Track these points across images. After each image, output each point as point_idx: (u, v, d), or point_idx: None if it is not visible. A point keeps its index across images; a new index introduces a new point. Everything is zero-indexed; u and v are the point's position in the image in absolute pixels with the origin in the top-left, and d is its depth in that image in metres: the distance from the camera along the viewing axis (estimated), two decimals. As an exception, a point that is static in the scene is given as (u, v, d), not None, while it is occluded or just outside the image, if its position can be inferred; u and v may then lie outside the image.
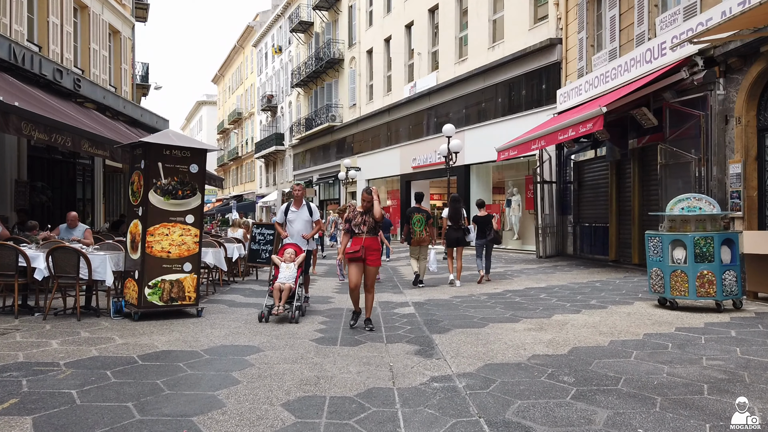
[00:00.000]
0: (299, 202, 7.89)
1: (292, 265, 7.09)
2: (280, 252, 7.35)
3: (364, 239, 6.28)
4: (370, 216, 6.37)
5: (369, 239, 6.31)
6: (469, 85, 21.39)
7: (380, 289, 10.20)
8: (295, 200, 7.90)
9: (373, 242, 6.35)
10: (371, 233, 6.35)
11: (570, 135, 11.88)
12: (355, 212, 6.49)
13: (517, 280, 11.21)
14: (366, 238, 6.29)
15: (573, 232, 16.45)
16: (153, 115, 20.61)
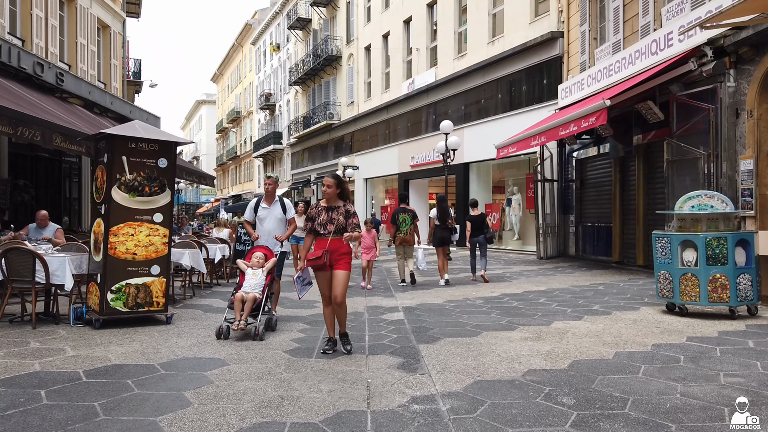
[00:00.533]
0: (271, 198, 6.87)
1: (260, 272, 6.17)
2: (247, 255, 6.57)
3: (329, 241, 5.20)
4: (337, 213, 5.26)
5: (336, 241, 5.23)
6: (469, 81, 20.82)
7: (371, 291, 9.67)
8: (266, 195, 6.89)
9: (341, 245, 5.27)
10: (339, 233, 5.28)
11: (572, 130, 11.32)
12: (319, 208, 5.35)
13: (516, 283, 10.65)
14: (332, 240, 5.22)
15: (575, 232, 15.88)
16: (143, 112, 20.09)
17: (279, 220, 6.80)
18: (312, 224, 5.33)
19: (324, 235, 5.24)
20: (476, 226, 11.07)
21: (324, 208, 5.36)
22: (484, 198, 20.98)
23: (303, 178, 38.35)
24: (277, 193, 7.05)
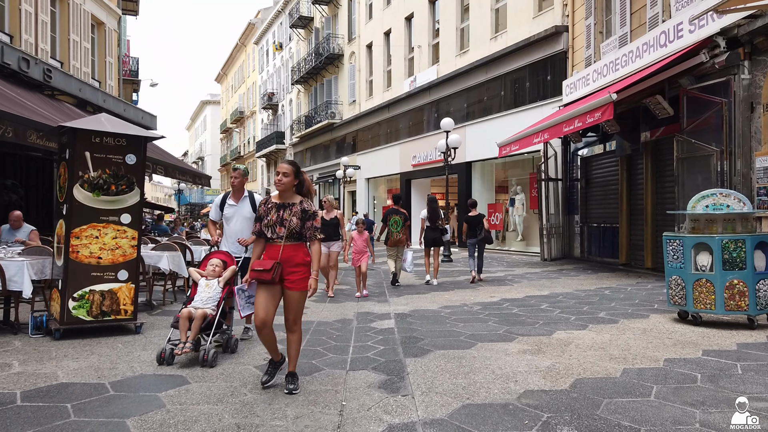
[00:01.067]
0: (239, 194, 5.97)
1: (215, 283, 5.18)
2: (203, 263, 5.48)
3: (281, 249, 4.04)
4: (291, 213, 4.08)
5: (290, 249, 4.06)
6: (471, 78, 20.28)
7: (364, 297, 9.16)
8: (234, 191, 5.99)
9: (297, 254, 4.09)
10: (294, 239, 4.10)
11: (576, 126, 10.77)
12: (269, 205, 4.15)
13: (517, 287, 10.11)
14: (285, 247, 4.04)
15: (580, 233, 15.32)
16: (138, 110, 19.69)
17: (248, 219, 5.82)
18: (259, 225, 4.16)
19: (273, 241, 4.10)
20: (473, 226, 11.07)
21: (275, 205, 4.14)
22: (487, 198, 20.44)
23: (305, 178, 37.84)
24: (248, 189, 6.18)
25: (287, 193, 4.19)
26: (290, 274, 4.06)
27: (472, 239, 11.00)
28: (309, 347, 5.57)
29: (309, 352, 5.36)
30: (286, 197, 4.19)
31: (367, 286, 9.62)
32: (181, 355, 4.72)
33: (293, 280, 4.05)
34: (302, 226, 4.11)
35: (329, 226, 9.04)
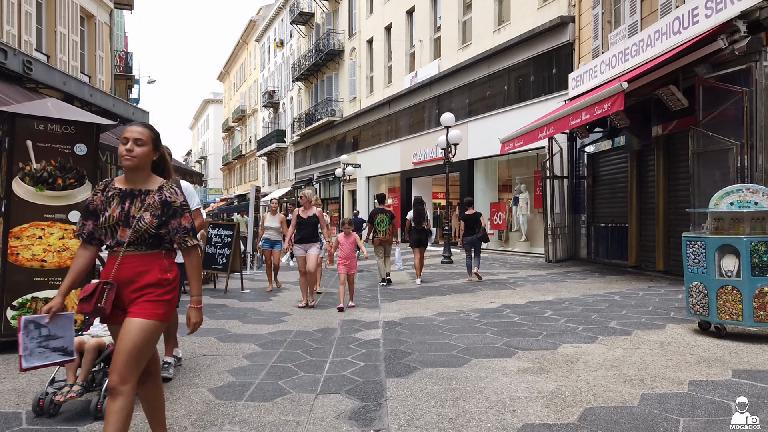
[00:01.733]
0: None
1: None
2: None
3: (118, 262, 2.62)
4: (142, 205, 2.66)
5: (135, 260, 2.63)
6: (473, 73, 19.57)
7: (355, 300, 8.47)
8: None
9: (148, 267, 2.63)
10: (145, 246, 2.65)
11: (584, 119, 10.05)
12: (110, 192, 2.73)
13: (520, 291, 9.40)
14: (126, 258, 2.62)
15: (587, 233, 14.59)
16: (129, 106, 19.09)
17: None
18: (91, 224, 2.72)
19: (113, 250, 2.66)
20: (470, 225, 11.00)
21: (118, 193, 2.71)
22: (490, 197, 19.73)
23: (306, 176, 37.26)
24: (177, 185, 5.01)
25: (140, 173, 2.72)
26: (132, 300, 2.61)
27: (469, 237, 10.91)
28: (280, 363, 4.89)
29: (278, 370, 4.68)
30: (137, 180, 2.73)
31: (358, 289, 8.94)
32: (65, 402, 3.50)
33: (139, 305, 2.58)
34: (160, 225, 2.67)
35: (307, 226, 8.04)
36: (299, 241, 7.95)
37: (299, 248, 7.95)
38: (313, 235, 7.96)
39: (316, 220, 8.12)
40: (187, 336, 5.18)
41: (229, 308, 8.06)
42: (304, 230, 7.90)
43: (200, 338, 5.80)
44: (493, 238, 19.44)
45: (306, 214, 8.00)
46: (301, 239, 7.94)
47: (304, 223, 7.93)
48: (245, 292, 9.73)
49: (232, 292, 9.61)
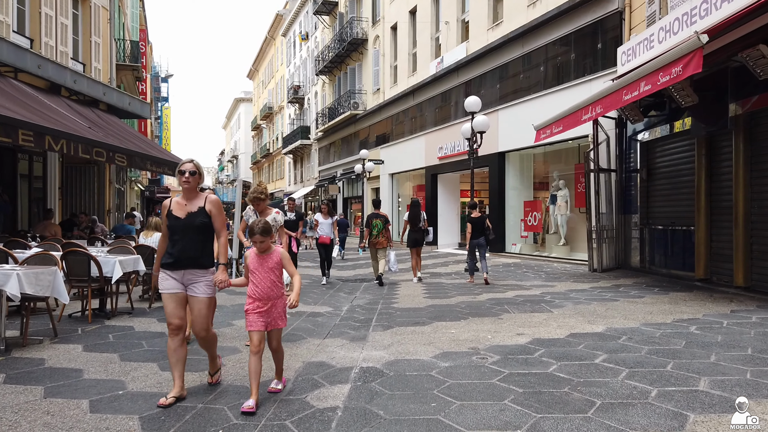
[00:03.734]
0: None
1: None
2: None
3: None
4: None
5: None
6: (505, 54, 17.31)
7: (338, 329, 6.43)
8: None
9: None
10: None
11: (642, 91, 7.76)
12: None
13: (558, 316, 7.18)
14: None
15: (640, 236, 12.20)
16: (123, 95, 17.46)
17: None
18: None
19: None
20: (477, 227, 10.91)
21: None
22: (524, 194, 17.42)
23: (329, 174, 35.44)
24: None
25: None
26: None
27: (476, 240, 10.94)
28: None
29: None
30: None
31: (353, 307, 6.84)
32: None
33: None
34: None
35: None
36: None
37: None
38: None
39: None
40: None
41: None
42: None
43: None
44: (527, 241, 17.14)
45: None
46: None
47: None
48: None
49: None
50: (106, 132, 13.04)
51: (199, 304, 4.02)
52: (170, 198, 4.09)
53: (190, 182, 3.99)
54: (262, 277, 3.95)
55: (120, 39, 22.90)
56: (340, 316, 7.46)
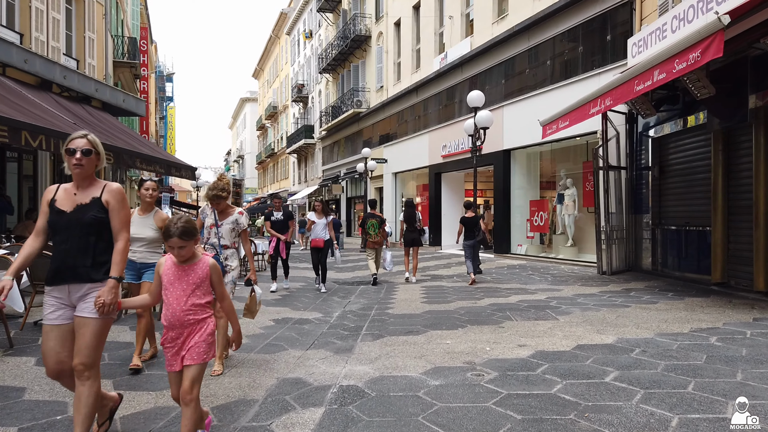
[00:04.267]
0: None
1: None
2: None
3: None
4: None
5: None
6: (510, 48, 16.72)
7: (325, 338, 5.89)
8: None
9: None
10: None
11: (657, 80, 7.18)
12: None
13: (564, 324, 6.61)
14: None
15: (651, 237, 11.59)
16: (117, 91, 16.99)
17: None
18: None
19: None
20: (469, 228, 10.82)
21: None
22: (530, 193, 16.82)
23: (333, 174, 34.94)
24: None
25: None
26: None
27: (469, 241, 10.80)
28: None
29: None
30: None
31: (345, 313, 6.32)
32: None
33: None
34: None
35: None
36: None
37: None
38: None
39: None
40: None
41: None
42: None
43: None
44: (533, 242, 16.54)
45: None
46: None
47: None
48: None
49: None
50: (94, 128, 12.57)
51: (83, 328, 2.92)
52: (57, 184, 3.11)
53: (83, 165, 2.97)
54: (177, 296, 2.92)
55: (119, 36, 22.50)
56: (329, 324, 6.92)
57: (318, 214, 10.34)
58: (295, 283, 11.35)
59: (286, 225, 10.33)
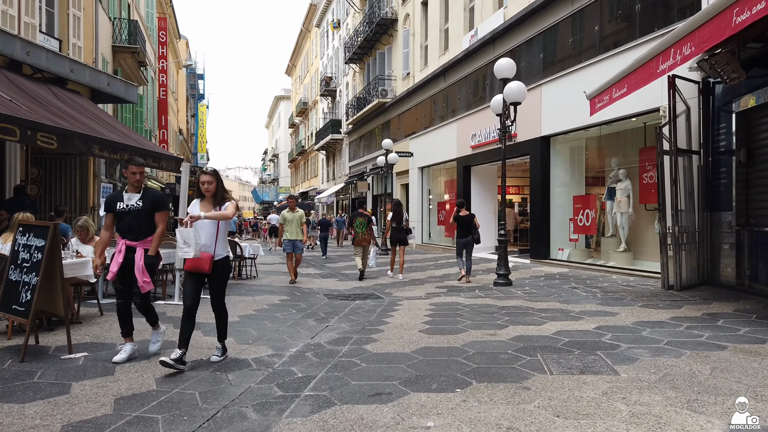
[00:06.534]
0: None
1: None
2: None
3: None
4: None
5: None
6: (550, 14, 14.12)
7: (235, 407, 3.59)
8: None
9: None
10: None
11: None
12: None
13: (627, 385, 4.12)
14: None
15: (736, 242, 8.87)
16: (100, 74, 15.06)
17: None
18: None
19: None
20: (463, 226, 10.76)
21: None
22: (574, 188, 14.16)
23: (359, 170, 32.74)
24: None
25: None
26: None
27: (463, 240, 10.76)
28: None
29: None
30: None
31: (334, 339, 4.06)
32: None
33: None
34: None
35: None
36: None
37: None
38: None
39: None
40: None
41: None
42: None
43: None
44: (577, 245, 13.89)
45: None
46: None
47: None
48: (73, 358, 5.04)
49: (37, 361, 5.03)
50: (49, 111, 10.65)
51: None
52: None
53: None
54: None
55: (123, 19, 20.81)
56: (268, 372, 4.63)
57: (205, 205, 4.91)
58: (276, 296, 9.13)
59: None
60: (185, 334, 4.62)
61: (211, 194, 4.85)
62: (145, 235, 4.93)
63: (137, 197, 4.94)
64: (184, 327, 4.63)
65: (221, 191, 4.88)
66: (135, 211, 4.91)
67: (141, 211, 4.91)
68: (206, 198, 4.87)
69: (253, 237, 36.12)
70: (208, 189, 4.84)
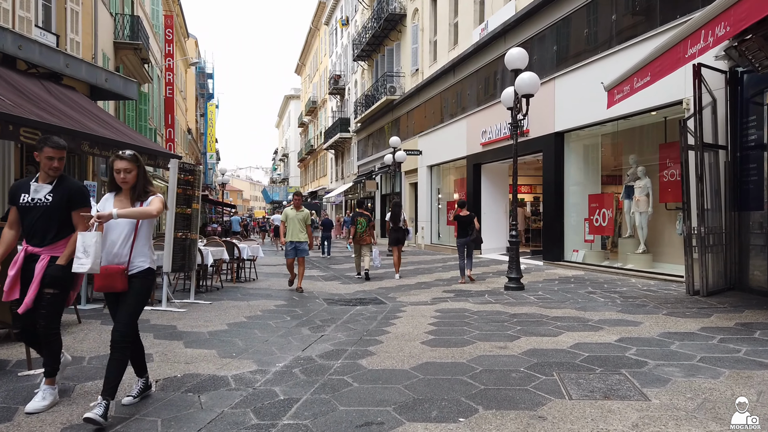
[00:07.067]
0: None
1: None
2: None
3: None
4: None
5: None
6: (563, 5, 13.47)
7: None
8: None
9: None
10: None
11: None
12: None
13: (660, 413, 3.52)
14: None
15: (766, 243, 8.20)
16: (95, 68, 14.65)
17: None
18: None
19: None
20: (463, 226, 10.73)
21: None
22: (589, 187, 13.50)
23: (367, 170, 32.20)
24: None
25: None
26: None
27: (463, 239, 10.73)
28: None
29: None
30: None
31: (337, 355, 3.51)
32: None
33: None
34: None
35: None
36: None
37: None
38: None
39: None
40: None
41: None
42: None
43: None
44: (593, 247, 13.23)
45: None
46: None
47: None
48: (31, 375, 4.48)
49: None
50: (38, 107, 10.20)
51: None
52: None
53: None
54: None
55: (125, 14, 20.40)
56: (249, 392, 4.08)
57: (121, 200, 3.89)
58: (272, 300, 8.59)
59: None
60: (115, 379, 3.49)
61: (130, 186, 3.72)
62: (54, 238, 3.75)
63: (47, 189, 3.74)
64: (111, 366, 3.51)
65: (142, 182, 3.75)
66: (42, 207, 3.74)
67: (50, 207, 3.75)
68: (123, 191, 3.76)
69: (262, 238, 35.68)
70: (126, 179, 3.70)
